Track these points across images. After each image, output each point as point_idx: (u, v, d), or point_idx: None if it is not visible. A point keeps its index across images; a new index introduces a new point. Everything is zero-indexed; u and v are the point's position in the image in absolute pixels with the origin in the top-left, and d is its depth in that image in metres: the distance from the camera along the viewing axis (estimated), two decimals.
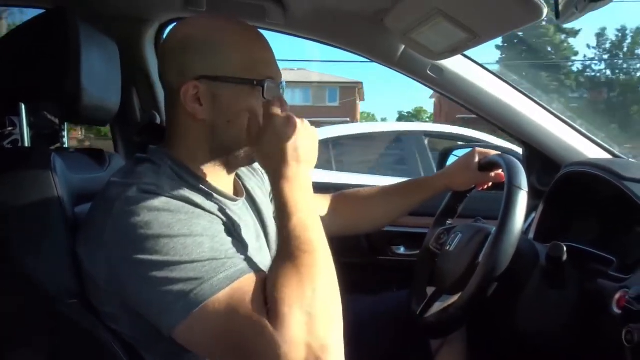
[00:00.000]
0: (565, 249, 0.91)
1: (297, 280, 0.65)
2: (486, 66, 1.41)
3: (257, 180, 1.08)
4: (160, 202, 0.70)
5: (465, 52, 1.35)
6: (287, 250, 0.69)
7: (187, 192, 0.75)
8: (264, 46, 0.85)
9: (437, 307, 1.01)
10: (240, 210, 0.90)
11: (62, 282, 0.77)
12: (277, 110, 0.77)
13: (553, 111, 1.42)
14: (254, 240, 0.89)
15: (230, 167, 0.88)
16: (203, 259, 0.67)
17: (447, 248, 1.10)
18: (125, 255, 0.68)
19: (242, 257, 0.71)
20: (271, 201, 1.12)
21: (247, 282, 0.67)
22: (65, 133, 1.09)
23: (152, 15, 1.35)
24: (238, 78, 0.80)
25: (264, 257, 0.88)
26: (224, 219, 0.78)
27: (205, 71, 0.79)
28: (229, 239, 0.73)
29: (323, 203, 1.27)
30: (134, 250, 0.67)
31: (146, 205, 0.69)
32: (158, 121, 1.05)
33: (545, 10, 0.88)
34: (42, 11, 0.97)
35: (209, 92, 0.80)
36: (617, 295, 0.84)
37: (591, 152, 1.40)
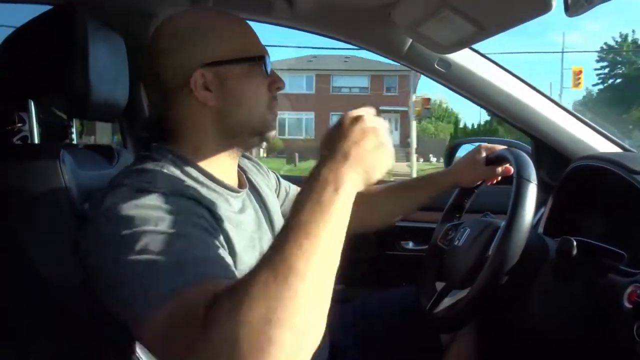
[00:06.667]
0: (575, 243, 0.90)
1: (244, 287, 0.52)
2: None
3: (262, 176, 1.08)
4: (149, 199, 0.68)
5: (473, 45, 1.34)
6: (270, 255, 0.54)
7: (184, 186, 0.75)
8: (248, 27, 0.88)
9: (447, 302, 1.01)
10: (242, 202, 0.90)
11: (66, 272, 0.78)
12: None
13: (562, 105, 1.41)
14: (253, 229, 0.88)
15: (235, 154, 0.89)
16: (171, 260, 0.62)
17: (456, 243, 1.10)
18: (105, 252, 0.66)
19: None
20: (277, 197, 1.12)
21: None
22: (74, 129, 1.10)
23: (159, 9, 1.35)
24: (240, 58, 0.83)
25: (263, 246, 0.87)
26: (218, 213, 0.77)
27: (207, 58, 0.81)
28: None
29: None
30: (110, 248, 0.65)
31: (134, 202, 0.68)
32: None
33: (554, 3, 0.87)
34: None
35: (216, 78, 0.81)
36: (628, 290, 0.83)
37: (601, 145, 1.38)
